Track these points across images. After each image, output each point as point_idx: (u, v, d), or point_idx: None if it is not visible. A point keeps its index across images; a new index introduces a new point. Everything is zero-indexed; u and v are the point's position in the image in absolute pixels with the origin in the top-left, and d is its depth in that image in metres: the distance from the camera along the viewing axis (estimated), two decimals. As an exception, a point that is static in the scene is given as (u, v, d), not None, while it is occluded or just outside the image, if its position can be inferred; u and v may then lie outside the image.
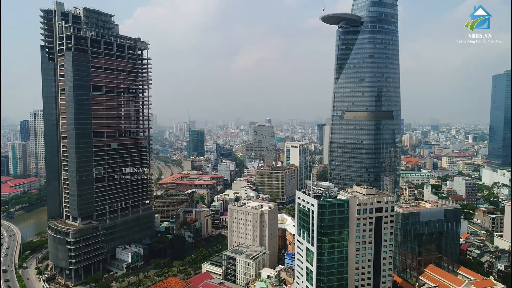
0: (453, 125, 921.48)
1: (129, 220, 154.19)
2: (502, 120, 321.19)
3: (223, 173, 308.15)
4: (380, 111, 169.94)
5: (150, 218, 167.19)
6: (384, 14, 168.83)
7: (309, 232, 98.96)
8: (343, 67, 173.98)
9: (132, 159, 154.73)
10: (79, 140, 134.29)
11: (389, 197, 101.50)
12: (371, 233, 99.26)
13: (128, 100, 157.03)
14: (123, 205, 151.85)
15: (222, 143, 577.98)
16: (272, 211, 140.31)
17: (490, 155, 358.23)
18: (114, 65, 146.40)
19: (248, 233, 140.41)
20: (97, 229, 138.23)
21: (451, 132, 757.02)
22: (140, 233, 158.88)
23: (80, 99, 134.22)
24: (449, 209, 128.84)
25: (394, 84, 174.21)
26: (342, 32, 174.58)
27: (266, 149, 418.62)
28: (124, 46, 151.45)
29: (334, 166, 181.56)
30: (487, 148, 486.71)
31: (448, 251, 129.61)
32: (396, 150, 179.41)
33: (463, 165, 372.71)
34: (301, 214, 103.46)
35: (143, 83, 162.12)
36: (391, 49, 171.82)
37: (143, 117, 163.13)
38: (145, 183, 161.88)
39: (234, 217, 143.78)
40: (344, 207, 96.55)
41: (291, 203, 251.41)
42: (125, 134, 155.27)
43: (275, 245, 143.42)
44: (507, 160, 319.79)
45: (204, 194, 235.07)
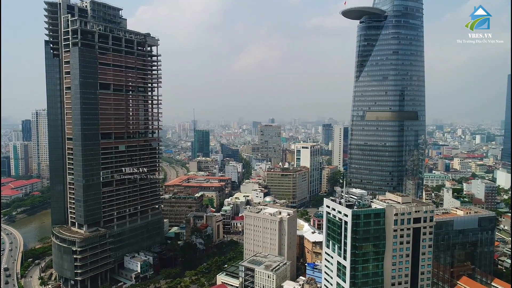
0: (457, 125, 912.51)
1: (137, 226, 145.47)
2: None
3: (230, 175, 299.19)
4: (404, 111, 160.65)
5: (160, 224, 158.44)
6: (409, 7, 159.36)
7: (340, 245, 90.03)
8: (365, 65, 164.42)
9: (141, 161, 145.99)
10: (86, 141, 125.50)
11: (428, 206, 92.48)
12: (408, 245, 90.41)
13: (137, 99, 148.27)
14: (132, 210, 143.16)
15: (226, 143, 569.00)
16: (292, 218, 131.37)
17: (505, 156, 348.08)
18: (122, 62, 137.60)
19: (266, 242, 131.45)
20: (104, 236, 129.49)
21: (457, 132, 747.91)
22: (149, 240, 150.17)
23: (86, 98, 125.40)
24: (484, 217, 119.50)
25: (419, 82, 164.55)
26: (364, 27, 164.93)
27: (273, 150, 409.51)
28: (133, 42, 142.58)
29: (354, 169, 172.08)
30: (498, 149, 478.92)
31: (482, 262, 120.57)
32: (419, 152, 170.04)
33: (476, 166, 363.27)
34: (331, 225, 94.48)
35: (152, 81, 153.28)
36: (416, 45, 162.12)
37: (152, 117, 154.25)
38: (154, 187, 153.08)
39: (250, 224, 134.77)
40: (380, 218, 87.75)
41: (302, 206, 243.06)
42: (134, 135, 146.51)
43: (294, 254, 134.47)
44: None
45: (213, 197, 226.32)
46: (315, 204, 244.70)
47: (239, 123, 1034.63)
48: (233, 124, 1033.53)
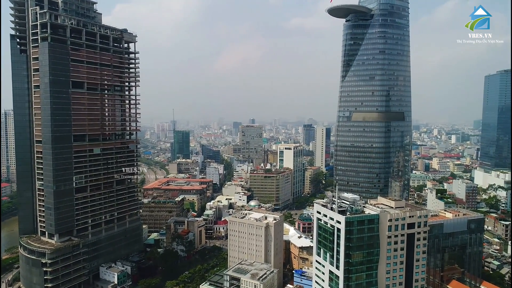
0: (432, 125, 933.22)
1: (114, 234, 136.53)
2: (495, 121, 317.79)
3: (212, 177, 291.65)
4: (391, 111, 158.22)
5: (139, 231, 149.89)
6: (395, 6, 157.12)
7: (332, 253, 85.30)
8: (351, 64, 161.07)
9: (118, 165, 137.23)
10: (57, 144, 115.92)
11: (422, 211, 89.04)
12: (402, 252, 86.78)
13: (113, 99, 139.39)
14: (108, 217, 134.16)
15: (206, 143, 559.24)
16: (278, 224, 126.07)
17: (483, 156, 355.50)
18: (97, 59, 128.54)
19: (251, 248, 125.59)
20: (77, 246, 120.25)
21: (433, 132, 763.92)
22: (127, 248, 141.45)
23: (57, 97, 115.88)
24: (473, 219, 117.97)
25: (405, 82, 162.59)
26: (350, 26, 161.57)
27: (255, 151, 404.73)
28: (108, 38, 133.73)
29: (341, 171, 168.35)
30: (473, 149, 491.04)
31: (471, 265, 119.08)
32: (406, 153, 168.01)
33: (454, 166, 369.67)
34: (322, 232, 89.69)
35: (129, 80, 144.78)
36: (402, 45, 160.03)
37: (129, 118, 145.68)
38: (132, 192, 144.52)
39: (235, 230, 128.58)
40: (374, 224, 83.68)
41: (286, 208, 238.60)
42: (110, 137, 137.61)
43: (281, 261, 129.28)
44: (501, 162, 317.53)
45: (194, 200, 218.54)
46: (298, 206, 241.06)
47: (220, 123, 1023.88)
48: (213, 125, 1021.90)
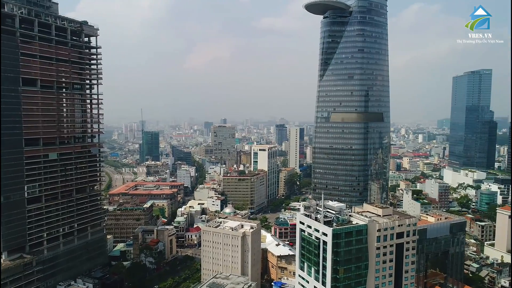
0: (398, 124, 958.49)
1: (74, 248, 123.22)
2: (463, 121, 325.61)
3: (183, 180, 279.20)
4: (369, 112, 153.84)
5: (102, 242, 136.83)
6: (373, 3, 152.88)
7: (318, 268, 78.06)
8: (329, 63, 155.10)
9: (77, 171, 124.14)
10: (5, 149, 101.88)
11: (411, 219, 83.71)
12: (391, 264, 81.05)
13: (72, 98, 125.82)
14: (67, 229, 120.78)
15: (176, 144, 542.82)
16: (255, 232, 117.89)
17: (451, 155, 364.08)
18: (53, 53, 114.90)
19: (227, 260, 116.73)
20: (30, 265, 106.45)
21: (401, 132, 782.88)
22: (89, 262, 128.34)
23: (5, 96, 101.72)
24: (455, 222, 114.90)
25: (384, 82, 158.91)
26: (328, 23, 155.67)
27: (227, 151, 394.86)
28: (66, 30, 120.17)
29: (319, 174, 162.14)
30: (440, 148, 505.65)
31: (454, 269, 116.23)
32: (384, 154, 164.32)
33: (423, 165, 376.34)
34: (306, 244, 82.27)
35: (91, 77, 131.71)
36: (381, 44, 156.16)
37: (91, 119, 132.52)
38: (95, 200, 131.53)
39: (209, 240, 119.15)
40: (363, 235, 77.26)
41: (261, 212, 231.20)
42: (69, 140, 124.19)
43: (258, 272, 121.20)
44: (468, 161, 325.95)
45: (164, 206, 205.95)
46: (274, 209, 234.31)
47: (190, 123, 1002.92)
48: (184, 125, 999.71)
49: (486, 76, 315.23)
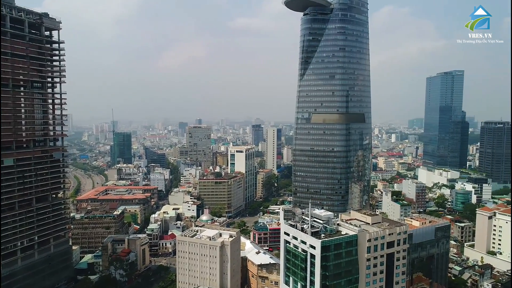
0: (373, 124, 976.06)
1: (35, 262, 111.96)
2: (436, 121, 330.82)
3: (157, 183, 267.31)
4: (351, 113, 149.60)
5: (67, 255, 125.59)
6: (354, 1, 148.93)
7: (305, 283, 71.94)
8: (310, 62, 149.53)
9: (37, 178, 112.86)
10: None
11: (401, 227, 79.04)
12: (382, 276, 76.11)
13: (31, 98, 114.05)
14: (26, 243, 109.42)
15: (150, 145, 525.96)
16: (235, 241, 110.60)
17: (425, 154, 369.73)
18: (7, 48, 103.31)
19: (205, 271, 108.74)
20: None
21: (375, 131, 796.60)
22: (52, 277, 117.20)
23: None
24: (440, 226, 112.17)
25: (365, 82, 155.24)
26: (308, 20, 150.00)
27: (203, 153, 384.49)
28: (23, 23, 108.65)
29: (300, 177, 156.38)
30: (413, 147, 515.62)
31: (439, 274, 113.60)
32: (364, 155, 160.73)
33: (398, 164, 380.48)
34: (291, 257, 75.95)
35: (53, 75, 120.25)
36: (362, 42, 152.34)
37: (54, 120, 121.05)
38: (58, 210, 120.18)
39: (185, 251, 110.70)
40: (353, 246, 71.83)
41: (238, 215, 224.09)
42: (27, 144, 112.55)
43: (238, 283, 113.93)
44: (442, 160, 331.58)
45: (136, 212, 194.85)
46: (252, 213, 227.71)
47: (165, 124, 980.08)
48: (158, 125, 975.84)
49: (458, 77, 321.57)
